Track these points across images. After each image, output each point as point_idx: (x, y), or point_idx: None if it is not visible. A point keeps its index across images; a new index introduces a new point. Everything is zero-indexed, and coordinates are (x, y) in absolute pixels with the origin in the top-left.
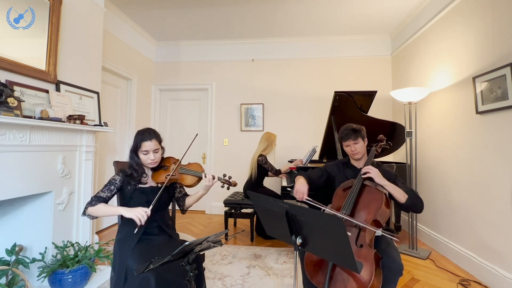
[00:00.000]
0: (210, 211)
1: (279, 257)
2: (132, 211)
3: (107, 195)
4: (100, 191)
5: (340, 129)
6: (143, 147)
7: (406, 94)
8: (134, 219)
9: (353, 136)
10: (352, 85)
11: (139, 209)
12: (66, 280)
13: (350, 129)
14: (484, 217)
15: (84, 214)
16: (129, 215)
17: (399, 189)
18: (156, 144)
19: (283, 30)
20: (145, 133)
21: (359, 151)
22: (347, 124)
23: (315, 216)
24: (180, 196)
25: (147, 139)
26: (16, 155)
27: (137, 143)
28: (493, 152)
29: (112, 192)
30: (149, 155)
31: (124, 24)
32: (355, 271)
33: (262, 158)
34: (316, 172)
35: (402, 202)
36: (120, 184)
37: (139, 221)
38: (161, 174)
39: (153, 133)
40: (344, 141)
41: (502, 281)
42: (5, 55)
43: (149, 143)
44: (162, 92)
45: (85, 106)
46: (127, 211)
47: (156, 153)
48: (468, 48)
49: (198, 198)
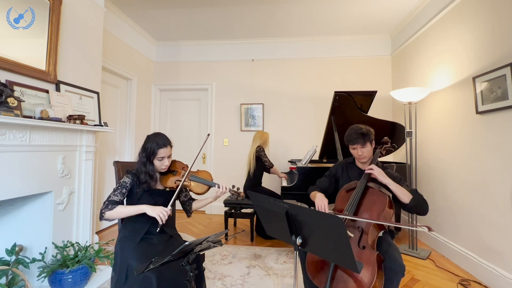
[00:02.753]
0: (210, 211)
1: (279, 257)
2: (155, 210)
3: (120, 199)
4: (112, 195)
5: (348, 129)
6: (160, 154)
7: (406, 94)
8: (157, 217)
9: (362, 141)
10: (352, 85)
11: (161, 208)
12: (66, 280)
13: (359, 133)
14: (484, 217)
15: (101, 219)
16: (153, 213)
17: (403, 189)
18: (170, 150)
19: (283, 30)
20: (160, 140)
21: (366, 156)
22: (356, 125)
23: (315, 216)
24: (186, 200)
25: (163, 146)
26: (16, 155)
27: (154, 150)
28: (493, 152)
29: (124, 195)
30: (163, 161)
31: (124, 24)
32: (355, 271)
33: (260, 149)
34: (324, 181)
35: (406, 203)
36: (130, 187)
37: (160, 220)
38: (170, 178)
39: (167, 139)
40: (352, 144)
41: (502, 281)
42: (5, 55)
43: (164, 150)
44: (162, 92)
45: (85, 106)
46: (150, 210)
47: (169, 158)
48: (468, 48)
49: (206, 205)
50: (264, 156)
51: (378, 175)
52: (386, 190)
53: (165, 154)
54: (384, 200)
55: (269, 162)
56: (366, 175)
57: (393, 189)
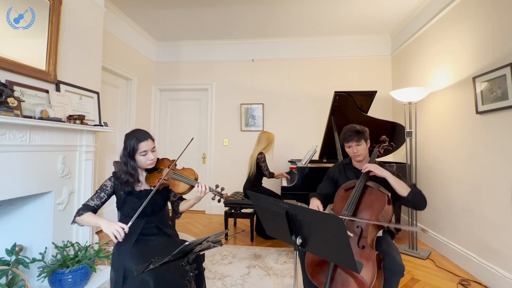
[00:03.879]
0: (210, 211)
1: (279, 257)
2: (109, 227)
3: (95, 203)
4: (90, 199)
5: (343, 129)
6: (141, 148)
7: (406, 94)
8: (110, 236)
9: (356, 138)
10: (352, 85)
11: (117, 225)
12: (66, 280)
13: (353, 131)
14: (484, 217)
15: (72, 222)
16: (107, 231)
17: (401, 182)
18: (152, 142)
19: (283, 30)
20: (139, 134)
21: (361, 153)
22: (351, 124)
23: (315, 216)
24: (175, 200)
25: (143, 139)
26: (16, 155)
27: (133, 145)
28: (493, 152)
29: (102, 200)
30: (148, 155)
31: (124, 24)
32: (355, 271)
33: (261, 156)
34: (324, 186)
35: (405, 196)
36: (111, 190)
37: (114, 238)
38: (155, 177)
39: (146, 132)
40: (346, 142)
41: (502, 281)
42: (5, 55)
43: (145, 143)
44: (162, 92)
45: (85, 106)
46: (106, 226)
47: (154, 151)
48: (468, 48)
49: (190, 206)
50: (264, 166)
51: (375, 170)
52: (385, 189)
53: (147, 147)
54: (383, 199)
55: (269, 172)
56: (364, 175)
57: (392, 181)
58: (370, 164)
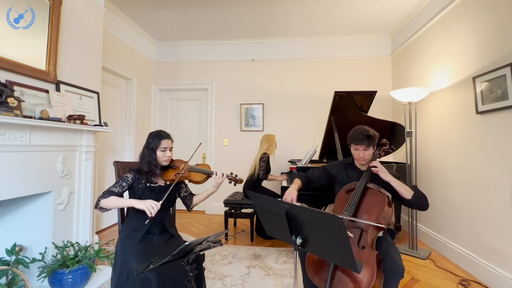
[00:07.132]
0: (210, 211)
1: (279, 257)
2: (143, 202)
3: (118, 191)
4: (112, 186)
5: (353, 128)
6: (163, 144)
7: (406, 94)
8: (145, 210)
9: (367, 143)
10: (352, 85)
11: (150, 201)
12: (66, 280)
13: (365, 134)
14: (484, 217)
15: (96, 207)
16: (141, 206)
17: (405, 185)
18: (171, 142)
19: (283, 30)
20: (162, 133)
21: (366, 158)
22: (362, 126)
23: (315, 216)
24: (187, 195)
25: (165, 137)
26: (16, 155)
27: (156, 141)
28: (493, 152)
29: (124, 189)
30: (166, 152)
31: (124, 24)
32: (355, 271)
33: (263, 156)
34: (316, 172)
35: (408, 199)
36: (131, 182)
37: (149, 212)
38: (171, 172)
39: (168, 133)
40: (355, 144)
41: (502, 281)
42: (5, 55)
43: (166, 141)
44: (162, 92)
45: (85, 106)
46: (139, 203)
47: (171, 150)
48: (468, 48)
49: (207, 196)
50: (262, 166)
51: (381, 172)
52: (385, 191)
53: (167, 145)
54: (383, 201)
55: (263, 174)
56: (366, 174)
57: (396, 186)
58: (380, 165)
